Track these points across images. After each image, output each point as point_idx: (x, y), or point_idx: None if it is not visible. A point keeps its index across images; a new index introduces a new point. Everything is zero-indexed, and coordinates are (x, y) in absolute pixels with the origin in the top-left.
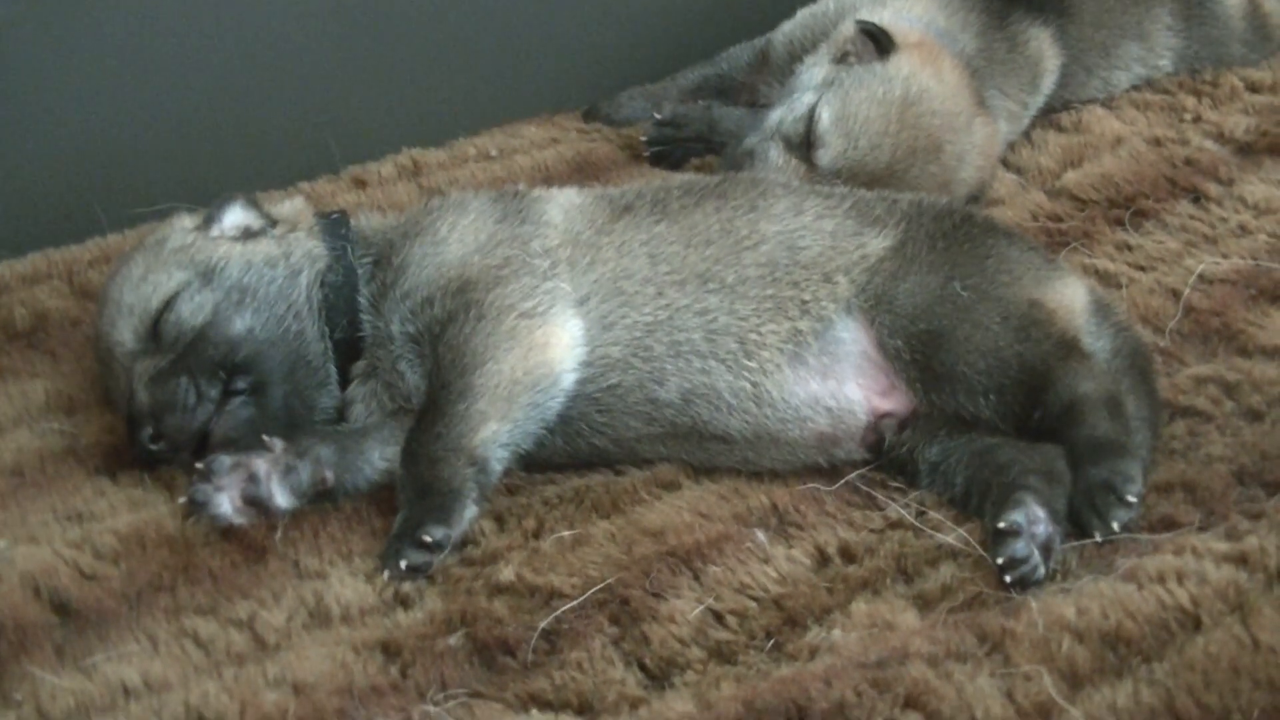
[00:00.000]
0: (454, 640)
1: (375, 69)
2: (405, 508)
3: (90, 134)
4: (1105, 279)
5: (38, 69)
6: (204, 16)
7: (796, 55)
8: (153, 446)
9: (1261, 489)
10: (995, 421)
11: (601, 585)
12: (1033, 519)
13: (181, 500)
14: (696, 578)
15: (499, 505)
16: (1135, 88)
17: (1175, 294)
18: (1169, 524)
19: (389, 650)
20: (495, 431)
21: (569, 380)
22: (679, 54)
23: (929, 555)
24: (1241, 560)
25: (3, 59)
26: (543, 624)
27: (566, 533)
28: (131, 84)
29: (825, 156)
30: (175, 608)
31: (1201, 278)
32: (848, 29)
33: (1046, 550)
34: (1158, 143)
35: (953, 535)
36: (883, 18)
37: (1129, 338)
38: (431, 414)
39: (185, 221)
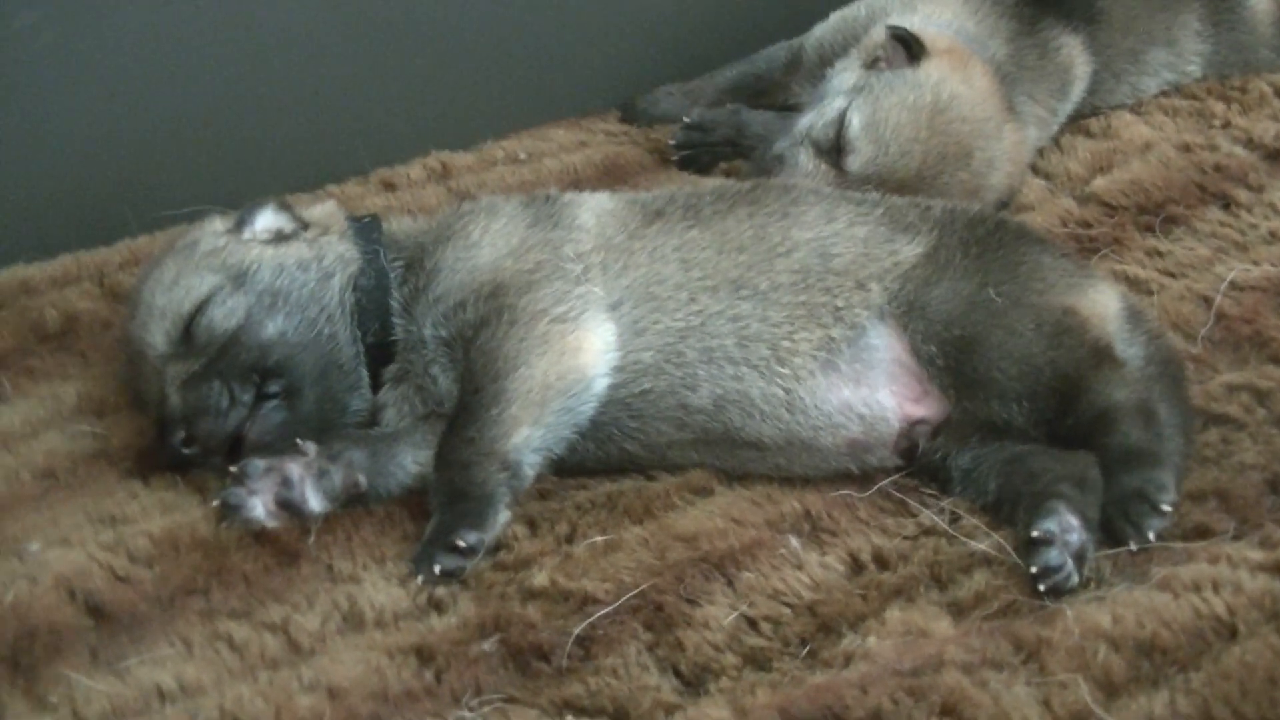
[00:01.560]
0: (488, 645)
1: (403, 72)
2: (438, 512)
3: (118, 136)
4: (1135, 285)
5: (66, 72)
6: (232, 18)
7: (828, 59)
8: (185, 450)
9: None
10: (1028, 428)
11: (635, 591)
12: (1066, 527)
13: (214, 503)
14: (730, 584)
15: (531, 510)
16: (1164, 93)
17: (1206, 301)
18: (1203, 532)
19: (423, 655)
20: (528, 436)
21: (601, 385)
22: (707, 57)
23: (962, 562)
24: (1276, 569)
25: (31, 61)
26: (577, 629)
27: (599, 538)
28: (159, 86)
29: (855, 162)
30: (209, 611)
31: (1232, 285)
32: (878, 34)
33: (1080, 558)
34: (1187, 148)
35: (986, 542)
36: (913, 23)
37: (1161, 345)
38: (464, 418)
39: (216, 224)
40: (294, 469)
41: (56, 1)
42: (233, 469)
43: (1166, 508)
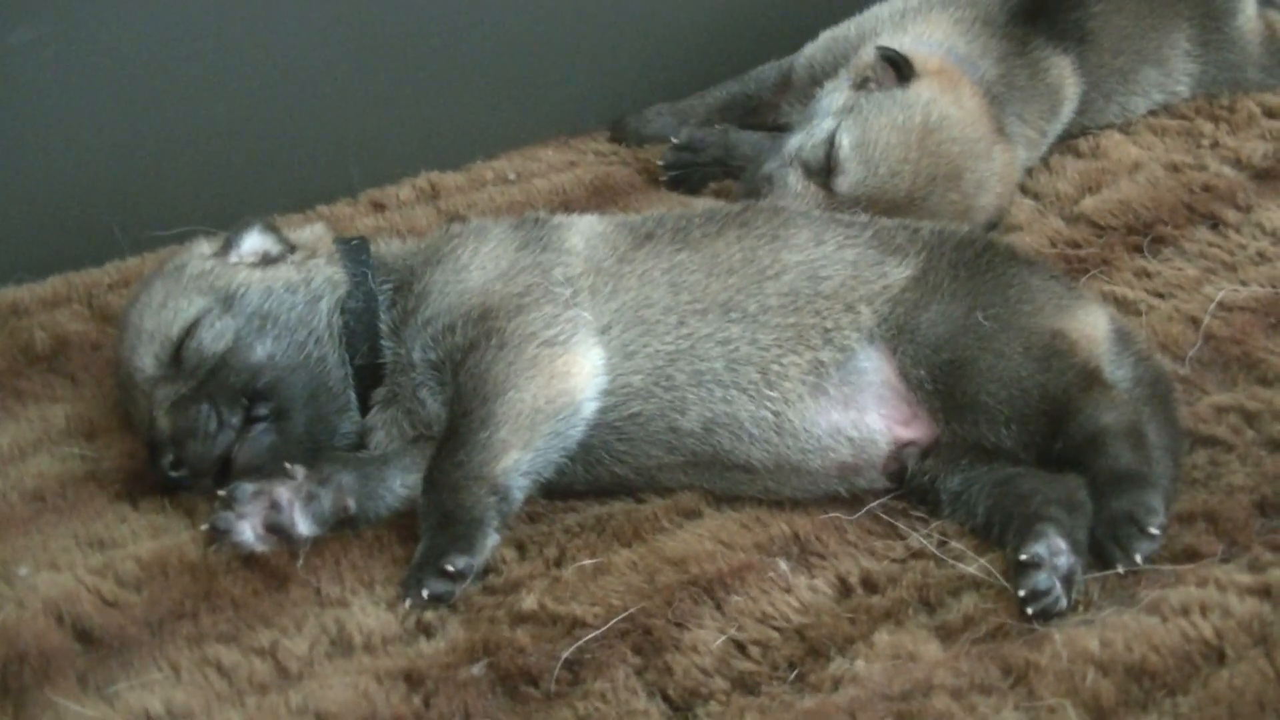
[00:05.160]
0: (477, 669)
1: (393, 92)
2: (427, 536)
3: (109, 157)
4: (1124, 306)
5: (56, 92)
6: (223, 40)
7: (817, 78)
8: (174, 473)
9: None
10: (1017, 451)
11: (624, 614)
12: (1054, 550)
13: (203, 527)
14: (719, 607)
15: (520, 533)
16: (1152, 113)
17: (1194, 322)
18: (1191, 554)
19: (412, 679)
20: (517, 460)
21: (590, 408)
22: (697, 77)
23: (951, 585)
24: (1265, 593)
25: (22, 81)
26: (565, 653)
27: (588, 561)
28: (150, 107)
29: (845, 183)
30: (198, 635)
31: (1221, 305)
32: (868, 55)
33: (1068, 581)
34: (1175, 168)
35: (974, 565)
36: (903, 43)
37: (1150, 366)
38: (453, 442)
39: (204, 247)
40: (283, 493)
41: (50, 21)
42: (221, 493)
43: (1155, 531)
